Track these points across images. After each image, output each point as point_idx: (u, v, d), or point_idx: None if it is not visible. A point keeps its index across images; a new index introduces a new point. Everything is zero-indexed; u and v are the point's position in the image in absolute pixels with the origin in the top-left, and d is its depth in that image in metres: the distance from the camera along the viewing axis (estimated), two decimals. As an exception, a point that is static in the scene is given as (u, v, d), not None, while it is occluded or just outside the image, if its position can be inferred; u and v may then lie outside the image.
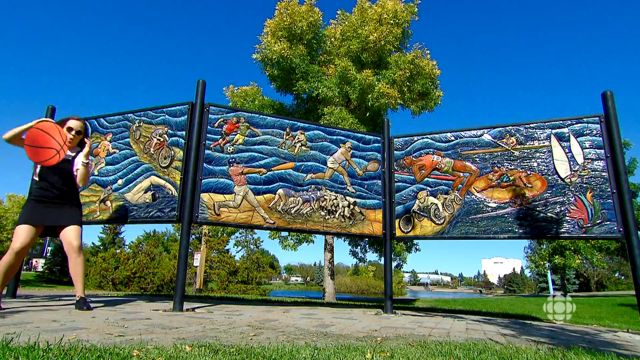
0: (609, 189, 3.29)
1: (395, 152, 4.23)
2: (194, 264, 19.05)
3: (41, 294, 4.87)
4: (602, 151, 3.39)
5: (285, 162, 3.88)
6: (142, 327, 2.13)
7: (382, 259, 7.51)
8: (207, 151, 3.62)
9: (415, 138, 4.19)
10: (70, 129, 3.01)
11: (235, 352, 1.51)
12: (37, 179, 2.96)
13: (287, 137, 3.96)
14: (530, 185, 3.57)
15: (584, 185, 3.39)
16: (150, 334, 1.90)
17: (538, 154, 3.62)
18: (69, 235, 2.93)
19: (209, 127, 3.68)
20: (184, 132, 3.65)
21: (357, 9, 13.99)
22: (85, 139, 3.11)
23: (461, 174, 3.88)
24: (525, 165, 3.64)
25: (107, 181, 3.86)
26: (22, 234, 2.80)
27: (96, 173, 3.94)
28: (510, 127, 3.79)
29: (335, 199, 3.95)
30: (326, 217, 3.88)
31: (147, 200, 3.62)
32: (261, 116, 3.96)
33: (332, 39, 14.37)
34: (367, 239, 16.72)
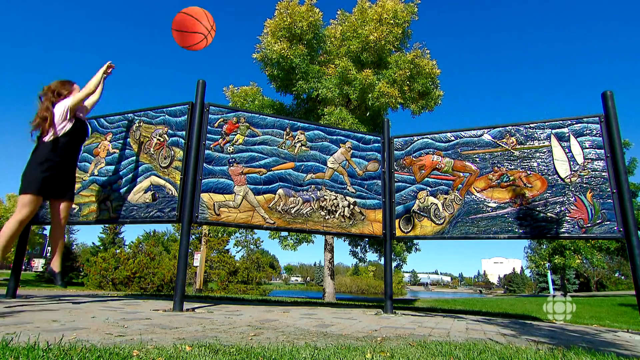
0: (609, 189, 3.29)
1: (395, 152, 4.23)
2: (194, 264, 19.05)
3: (41, 294, 4.87)
4: (602, 151, 3.39)
5: (285, 162, 3.88)
6: (142, 327, 2.13)
7: (382, 259, 7.51)
8: (207, 151, 3.62)
9: (415, 138, 4.18)
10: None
11: (235, 352, 1.51)
12: (59, 135, 3.04)
13: (287, 137, 3.96)
14: (530, 185, 3.57)
15: (584, 185, 3.39)
16: (150, 334, 1.90)
17: (538, 154, 3.62)
18: (65, 210, 3.15)
19: (209, 127, 3.68)
20: (184, 132, 3.65)
21: (357, 9, 13.99)
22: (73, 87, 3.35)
23: (461, 174, 3.87)
24: (525, 165, 3.64)
25: (107, 181, 3.86)
26: (32, 205, 2.88)
27: (96, 173, 3.94)
28: (510, 127, 3.79)
29: (335, 199, 3.95)
30: (326, 217, 3.88)
31: (147, 200, 3.62)
32: (261, 116, 3.95)
33: (332, 39, 14.37)
34: (367, 239, 16.72)
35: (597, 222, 3.27)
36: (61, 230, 3.19)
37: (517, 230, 3.53)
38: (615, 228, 3.19)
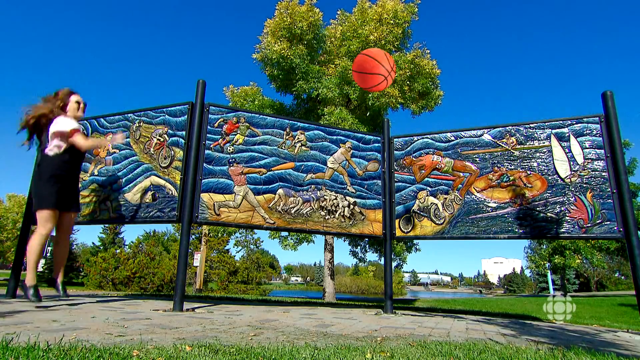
0: (609, 189, 3.29)
1: (395, 152, 4.23)
2: (194, 264, 19.04)
3: (41, 294, 4.86)
4: (602, 151, 3.39)
5: (285, 162, 3.88)
6: (142, 327, 2.13)
7: (382, 259, 7.51)
8: (207, 151, 3.62)
9: (415, 138, 4.18)
10: (78, 102, 3.25)
11: (235, 352, 1.51)
12: (59, 152, 3.05)
13: (287, 137, 3.96)
14: (530, 185, 3.57)
15: (584, 185, 3.38)
16: (150, 334, 1.90)
17: (538, 154, 3.62)
18: (71, 222, 3.24)
19: (209, 127, 3.68)
20: (184, 132, 3.65)
21: (357, 9, 14.00)
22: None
23: (461, 174, 3.87)
24: (525, 165, 3.64)
25: (107, 181, 3.86)
26: (53, 219, 2.99)
27: (96, 173, 3.94)
28: (510, 127, 3.79)
29: (335, 199, 3.95)
30: (326, 217, 3.87)
31: (147, 200, 3.62)
32: (261, 116, 3.95)
33: (332, 39, 14.38)
34: (367, 239, 16.72)
35: (597, 222, 3.27)
36: (67, 241, 3.28)
37: (517, 230, 3.53)
38: (615, 228, 3.19)
